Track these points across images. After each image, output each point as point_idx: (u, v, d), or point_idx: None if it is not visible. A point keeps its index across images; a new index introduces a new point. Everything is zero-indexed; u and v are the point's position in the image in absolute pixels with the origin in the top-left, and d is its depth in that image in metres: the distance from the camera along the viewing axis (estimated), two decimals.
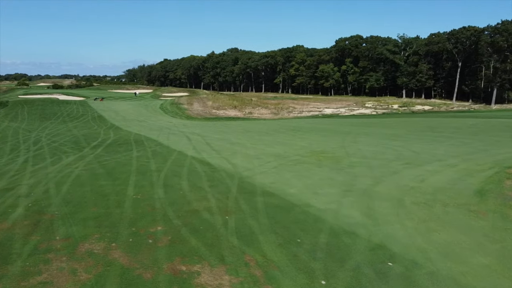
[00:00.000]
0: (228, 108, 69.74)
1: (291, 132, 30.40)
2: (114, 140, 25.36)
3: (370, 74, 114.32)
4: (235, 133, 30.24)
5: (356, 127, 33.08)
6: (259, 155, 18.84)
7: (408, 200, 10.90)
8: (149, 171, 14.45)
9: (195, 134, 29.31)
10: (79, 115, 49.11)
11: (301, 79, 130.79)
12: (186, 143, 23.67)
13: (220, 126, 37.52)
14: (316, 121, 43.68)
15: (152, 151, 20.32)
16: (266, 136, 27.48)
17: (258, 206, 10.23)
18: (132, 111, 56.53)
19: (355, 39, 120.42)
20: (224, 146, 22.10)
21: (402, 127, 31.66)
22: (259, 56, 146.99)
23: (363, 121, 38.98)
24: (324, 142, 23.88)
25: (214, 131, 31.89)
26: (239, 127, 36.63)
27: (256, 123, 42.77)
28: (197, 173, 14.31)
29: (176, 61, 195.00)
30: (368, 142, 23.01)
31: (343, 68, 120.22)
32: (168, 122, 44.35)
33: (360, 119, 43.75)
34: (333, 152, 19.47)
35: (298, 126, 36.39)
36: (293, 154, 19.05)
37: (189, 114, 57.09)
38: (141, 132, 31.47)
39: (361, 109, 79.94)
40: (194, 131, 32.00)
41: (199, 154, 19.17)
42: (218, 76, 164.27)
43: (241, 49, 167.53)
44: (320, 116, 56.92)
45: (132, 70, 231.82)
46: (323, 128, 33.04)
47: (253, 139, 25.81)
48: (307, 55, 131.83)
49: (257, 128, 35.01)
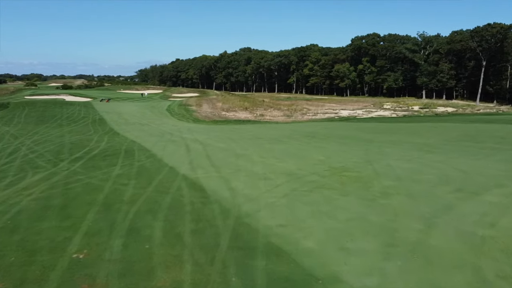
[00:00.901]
0: (239, 109, 66.44)
1: (305, 139, 26.80)
2: (103, 150, 22.11)
3: (388, 74, 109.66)
4: (243, 140, 26.75)
5: (379, 134, 29.27)
6: (267, 173, 15.32)
7: (489, 268, 7.15)
8: (119, 203, 11.01)
9: (198, 142, 25.92)
10: (79, 118, 46.23)
11: (315, 79, 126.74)
12: (183, 154, 20.27)
13: (227, 131, 34.09)
14: (332, 125, 39.93)
15: (139, 166, 16.96)
16: (277, 145, 23.94)
17: (257, 283, 6.66)
18: (136, 113, 53.53)
19: (372, 38, 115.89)
20: (227, 159, 18.63)
21: (433, 134, 27.73)
22: (272, 55, 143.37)
23: (386, 126, 35.08)
24: (344, 153, 20.25)
25: (220, 138, 28.46)
26: (248, 132, 33.15)
27: (267, 127, 39.21)
28: (182, 206, 10.83)
29: (188, 61, 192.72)
30: (398, 155, 19.28)
31: (360, 67, 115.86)
32: (172, 126, 41.14)
33: (381, 123, 39.81)
34: (357, 170, 15.84)
35: (313, 131, 32.72)
36: (308, 172, 15.48)
37: (197, 116, 53.87)
38: (138, 138, 28.24)
39: (379, 110, 75.91)
40: (198, 137, 28.64)
41: (193, 171, 15.74)
42: (230, 76, 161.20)
43: (254, 49, 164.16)
44: (336, 119, 53.13)
45: (144, 70, 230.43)
46: (341, 135, 29.33)
47: (262, 149, 22.30)
48: (322, 54, 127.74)
49: (268, 134, 31.47)
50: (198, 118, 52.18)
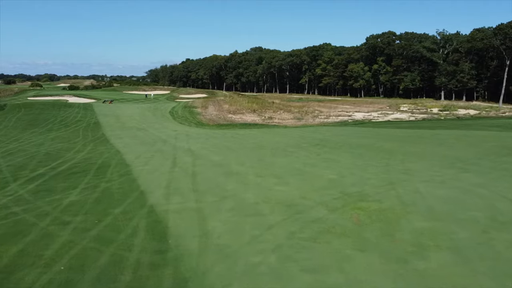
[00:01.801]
0: (246, 112, 63.06)
1: (314, 149, 23.24)
2: (74, 164, 18.90)
3: (405, 74, 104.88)
4: (243, 151, 23.31)
5: (399, 143, 25.48)
6: (261, 203, 11.88)
7: None
8: (30, 266, 7.61)
9: (190, 152, 22.57)
10: (74, 121, 43.38)
11: (328, 79, 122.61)
12: (165, 172, 16.91)
13: (228, 138, 30.67)
14: (346, 130, 36.18)
15: (103, 191, 13.67)
16: (280, 158, 20.46)
17: None
18: (136, 116, 50.54)
19: (387, 36, 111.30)
20: (215, 180, 15.22)
21: (463, 145, 23.82)
22: (284, 55, 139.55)
23: (406, 133, 31.19)
24: (360, 170, 16.67)
25: (217, 147, 25.06)
26: (251, 139, 29.69)
27: (274, 133, 35.65)
28: (119, 271, 7.39)
29: (198, 61, 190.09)
30: (426, 174, 15.61)
31: (375, 67, 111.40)
32: (172, 130, 37.96)
33: (400, 129, 35.89)
34: (378, 198, 12.30)
35: (324, 138, 29.07)
36: (314, 201, 12.00)
37: (201, 119, 50.61)
38: (125, 148, 25.06)
39: (396, 113, 71.79)
40: (193, 146, 25.31)
41: (166, 200, 12.37)
42: (240, 76, 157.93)
43: (265, 48, 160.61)
44: (350, 123, 49.32)
45: (155, 71, 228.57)
46: (355, 144, 25.62)
47: (262, 163, 18.85)
48: (335, 53, 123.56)
49: (273, 141, 27.95)
50: (202, 121, 48.92)
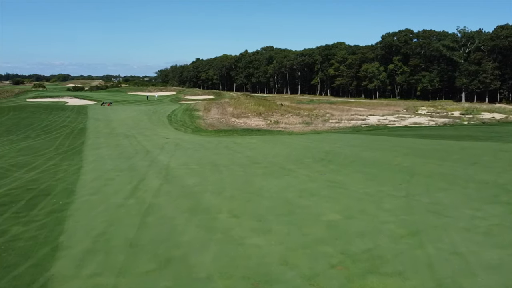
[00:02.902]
0: (251, 115, 58.89)
1: (317, 167, 18.86)
2: (6, 191, 14.94)
3: (423, 74, 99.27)
4: (230, 168, 19.06)
5: (422, 158, 20.82)
6: (215, 279, 7.62)
7: None
8: None
9: (164, 172, 18.44)
10: (58, 127, 39.81)
11: (341, 79, 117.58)
12: (111, 206, 12.78)
13: (221, 150, 26.46)
14: (358, 139, 31.56)
15: (2, 244, 9.58)
16: (273, 180, 16.18)
17: None
18: (130, 121, 46.82)
19: (404, 34, 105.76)
20: (170, 223, 11.01)
21: (503, 164, 19.00)
22: (295, 54, 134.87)
23: (428, 145, 26.38)
24: (374, 205, 12.29)
25: (202, 162, 20.87)
26: (247, 151, 25.43)
27: (276, 141, 31.28)
28: None
29: (208, 61, 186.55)
30: (465, 217, 11.08)
31: (390, 67, 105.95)
32: (163, 138, 34.03)
33: (421, 139, 31.04)
34: (400, 270, 7.96)
35: (332, 150, 24.59)
36: (298, 275, 7.69)
37: (200, 124, 46.59)
38: (93, 163, 21.17)
39: (413, 116, 66.76)
40: (173, 162, 21.23)
41: (75, 271, 8.20)
42: (251, 76, 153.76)
43: (276, 47, 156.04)
44: (363, 128, 44.72)
45: (164, 71, 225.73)
46: (369, 159, 21.09)
47: (246, 190, 14.62)
48: (349, 52, 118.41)
49: (272, 154, 23.61)
50: (200, 126, 44.89)
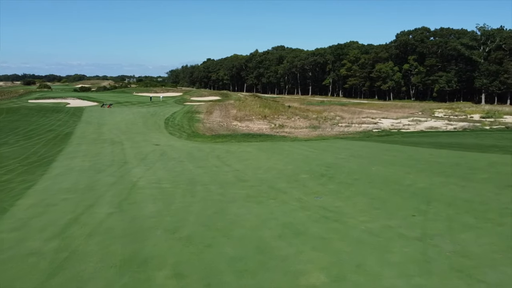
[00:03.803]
0: (256, 118, 55.66)
1: (314, 186, 15.43)
2: None
3: (439, 75, 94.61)
4: (211, 186, 15.72)
5: (441, 177, 17.01)
6: None
7: None
8: None
9: (124, 194, 15.24)
10: (44, 131, 37.18)
11: (353, 80, 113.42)
12: (14, 256, 9.55)
13: (210, 160, 23.19)
14: (367, 148, 27.91)
15: None
16: (254, 206, 12.80)
17: None
18: (123, 125, 44.02)
19: (420, 32, 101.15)
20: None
21: None
22: (306, 54, 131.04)
23: (449, 160, 22.29)
24: (376, 251, 8.72)
25: (178, 179, 17.63)
26: (238, 162, 22.11)
27: (274, 149, 27.88)
28: None
29: (219, 61, 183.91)
30: (508, 275, 7.55)
31: (405, 67, 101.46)
32: (152, 144, 31.04)
33: (439, 149, 27.17)
34: None
35: (335, 163, 21.05)
36: None
37: (198, 128, 43.49)
38: (50, 180, 18.18)
39: (429, 120, 62.65)
40: (146, 178, 18.07)
41: None
42: (261, 77, 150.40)
43: (287, 47, 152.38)
44: (374, 133, 41.08)
45: (175, 71, 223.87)
46: (377, 176, 17.46)
47: (217, 221, 11.29)
48: (362, 52, 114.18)
49: (265, 167, 20.25)
50: (198, 131, 41.78)
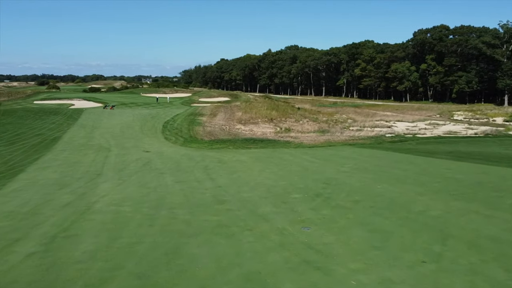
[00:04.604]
0: (262, 121, 52.90)
1: (305, 211, 12.58)
2: None
3: (459, 75, 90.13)
4: (179, 211, 13.01)
5: (459, 201, 13.79)
6: None
7: None
8: None
9: (70, 219, 12.64)
10: (31, 136, 35.18)
11: (368, 80, 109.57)
12: None
13: (195, 172, 20.52)
14: (375, 159, 24.80)
15: None
16: (219, 243, 9.97)
17: None
18: (118, 128, 41.77)
19: (439, 31, 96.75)
20: None
21: None
22: (320, 53, 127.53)
23: (472, 177, 18.86)
24: None
25: (146, 200, 14.98)
26: (225, 176, 19.38)
27: (272, 158, 25.05)
28: None
29: (232, 61, 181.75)
30: None
31: (423, 67, 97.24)
32: (142, 151, 28.64)
33: (457, 160, 23.82)
34: None
35: (335, 178, 18.11)
36: None
37: (197, 132, 40.92)
38: (2, 198, 15.72)
39: (448, 123, 58.94)
40: (106, 199, 15.46)
41: None
42: (274, 77, 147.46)
43: (301, 47, 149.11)
44: (387, 139, 37.87)
45: (188, 71, 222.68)
46: (381, 197, 14.39)
47: (158, 272, 8.55)
48: (377, 51, 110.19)
49: (253, 183, 17.48)
50: (196, 135, 39.23)
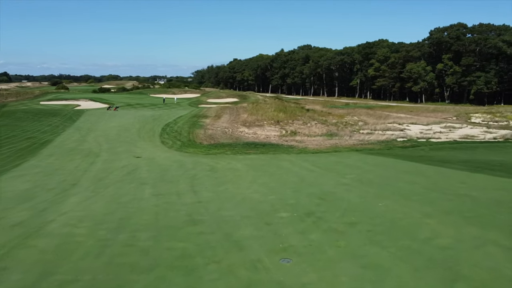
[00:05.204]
0: (267, 123, 50.80)
1: (290, 234, 10.61)
2: None
3: (477, 75, 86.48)
4: (141, 235, 11.11)
5: (473, 227, 11.45)
6: None
7: None
8: None
9: (10, 244, 10.86)
10: (21, 139, 33.87)
11: (382, 81, 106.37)
12: None
13: (179, 183, 18.67)
14: (381, 168, 22.51)
15: None
16: (174, 285, 8.06)
17: None
18: (115, 131, 40.25)
19: (456, 29, 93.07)
20: None
21: None
22: (333, 53, 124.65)
23: (486, 191, 16.49)
24: None
25: (109, 220, 13.17)
26: (211, 188, 17.48)
27: (268, 166, 22.98)
28: None
29: (245, 61, 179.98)
30: None
31: (439, 67, 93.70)
32: (132, 157, 27.03)
33: (478, 173, 21.28)
34: None
35: (332, 192, 15.97)
36: None
37: (197, 136, 39.06)
38: None
39: (465, 126, 55.72)
40: (65, 217, 13.73)
41: None
42: (286, 77, 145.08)
43: (314, 46, 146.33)
44: (397, 144, 35.44)
45: (201, 71, 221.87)
46: (381, 218, 12.19)
47: None
48: (392, 50, 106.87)
49: (240, 197, 15.52)
50: (195, 139, 37.37)
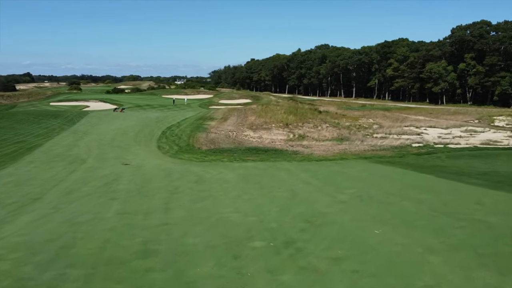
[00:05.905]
0: (275, 126, 48.60)
1: (254, 276, 8.41)
2: None
3: (502, 75, 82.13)
4: (71, 272, 9.16)
5: (486, 269, 8.78)
6: None
7: None
8: None
9: None
10: (11, 143, 32.88)
11: (401, 81, 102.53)
12: None
13: (159, 196, 16.72)
14: (387, 181, 19.97)
15: None
16: None
17: None
18: (111, 135, 38.94)
19: (479, 27, 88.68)
20: None
21: None
22: (350, 52, 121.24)
23: (507, 211, 14.04)
24: None
25: (39, 252, 11.23)
26: (186, 205, 15.48)
27: (263, 176, 20.80)
28: None
29: (262, 61, 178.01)
30: None
31: (461, 66, 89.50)
32: (119, 165, 25.37)
33: (495, 190, 18.47)
34: None
35: (323, 213, 13.60)
36: None
37: (197, 139, 37.21)
38: None
39: (487, 130, 52.27)
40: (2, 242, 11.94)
41: None
42: (303, 77, 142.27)
43: (331, 46, 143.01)
44: (412, 150, 32.70)
45: (218, 72, 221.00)
46: (374, 252, 9.76)
47: None
48: (411, 50, 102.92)
49: (213, 219, 13.39)
50: (195, 143, 35.51)
